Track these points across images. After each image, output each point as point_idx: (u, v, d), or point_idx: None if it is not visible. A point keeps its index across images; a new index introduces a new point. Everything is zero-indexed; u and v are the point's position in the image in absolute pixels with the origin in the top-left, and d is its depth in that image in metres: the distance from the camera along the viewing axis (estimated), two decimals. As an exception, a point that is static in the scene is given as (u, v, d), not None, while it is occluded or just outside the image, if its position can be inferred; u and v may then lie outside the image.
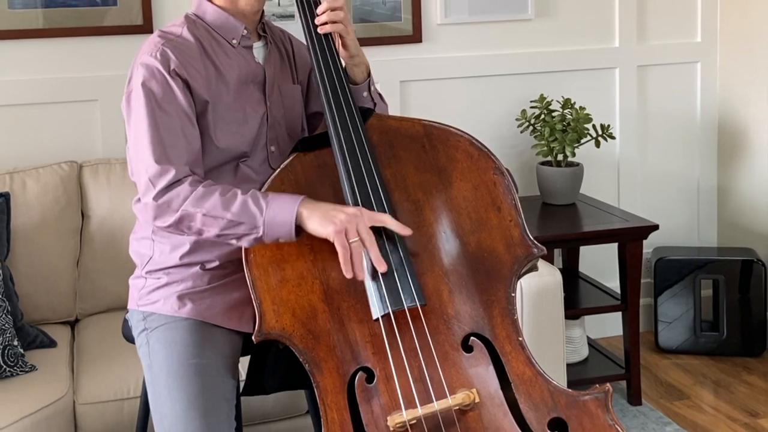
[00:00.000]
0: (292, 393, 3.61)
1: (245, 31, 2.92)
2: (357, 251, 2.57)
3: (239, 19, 2.91)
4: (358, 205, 2.66)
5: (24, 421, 3.42)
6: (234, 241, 2.70)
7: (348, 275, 2.57)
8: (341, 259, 2.57)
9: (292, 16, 4.59)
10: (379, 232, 2.64)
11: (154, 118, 2.72)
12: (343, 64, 2.93)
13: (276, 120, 2.98)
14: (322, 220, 2.58)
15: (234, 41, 2.91)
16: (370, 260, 2.60)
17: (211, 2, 2.92)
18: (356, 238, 2.56)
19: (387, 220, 2.61)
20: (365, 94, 3.02)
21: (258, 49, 2.99)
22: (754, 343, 5.16)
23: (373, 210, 2.66)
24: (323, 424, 2.53)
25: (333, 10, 2.86)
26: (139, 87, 2.74)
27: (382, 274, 2.59)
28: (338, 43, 2.92)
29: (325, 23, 2.86)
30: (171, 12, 4.50)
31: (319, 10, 2.87)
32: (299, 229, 2.61)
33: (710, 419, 4.52)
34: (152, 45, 2.80)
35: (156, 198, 2.68)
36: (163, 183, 2.67)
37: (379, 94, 3.09)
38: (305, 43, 2.94)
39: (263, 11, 3.00)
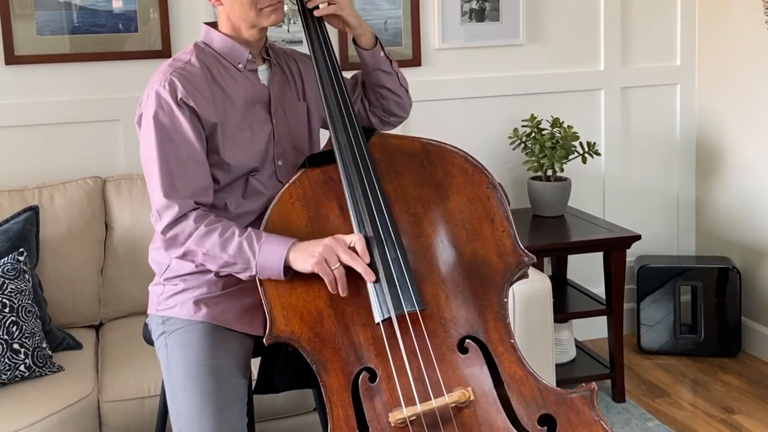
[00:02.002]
0: (301, 391, 3.61)
1: (250, 56, 2.94)
2: (340, 275, 2.61)
3: (244, 45, 2.93)
4: (362, 218, 2.68)
5: (52, 418, 3.42)
6: (234, 274, 2.76)
7: (343, 294, 2.62)
8: (327, 285, 2.62)
9: (300, 42, 4.60)
10: (382, 241, 2.65)
11: (163, 150, 2.77)
12: (347, 85, 2.96)
13: (282, 136, 2.99)
14: (304, 258, 2.62)
15: (240, 65, 2.93)
16: (377, 267, 2.62)
17: (218, 31, 2.94)
18: (338, 264, 2.60)
19: (356, 243, 2.63)
20: (382, 54, 3.08)
21: (263, 72, 3.00)
22: (730, 345, 5.16)
23: (376, 222, 2.68)
24: (329, 420, 2.53)
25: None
26: (150, 118, 2.78)
27: (385, 281, 2.60)
28: (339, 25, 2.98)
29: (321, 5, 2.92)
30: (188, 38, 4.50)
31: (310, 3, 2.93)
32: (289, 269, 2.65)
33: (689, 415, 4.52)
34: (162, 74, 2.83)
35: (164, 232, 2.76)
36: (168, 218, 2.75)
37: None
38: (312, 67, 2.96)
39: (267, 37, 3.02)
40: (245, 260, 2.68)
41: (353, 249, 2.62)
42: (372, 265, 2.62)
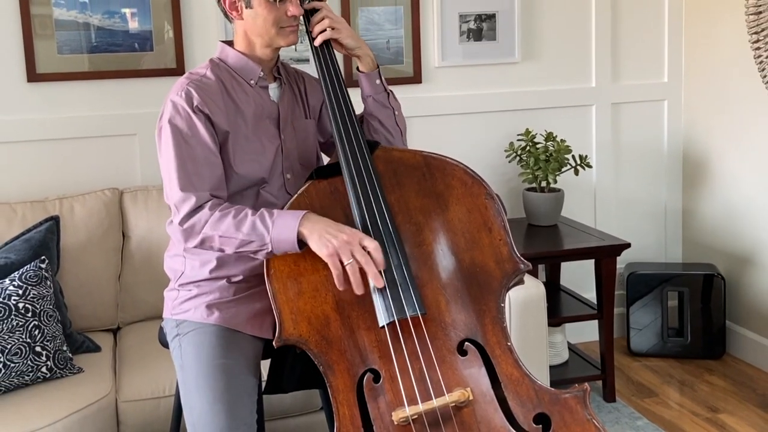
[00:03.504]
0: (308, 391, 3.61)
1: (262, 73, 2.95)
2: (352, 271, 2.59)
3: (257, 62, 2.94)
4: (368, 227, 2.69)
5: (72, 417, 3.43)
6: (252, 255, 2.75)
7: (341, 288, 2.61)
8: (334, 278, 2.60)
9: (307, 60, 4.61)
10: (385, 249, 2.65)
11: (180, 151, 2.78)
12: (353, 101, 2.97)
13: (290, 151, 3.00)
14: (319, 242, 2.61)
15: (252, 81, 2.94)
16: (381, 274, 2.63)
17: (233, 48, 2.96)
18: (351, 260, 2.59)
19: (372, 249, 2.62)
20: (378, 81, 3.07)
21: (273, 89, 3.01)
22: (715, 347, 5.16)
23: (380, 231, 2.68)
24: (336, 419, 2.54)
25: (320, 21, 2.93)
26: (167, 123, 2.80)
27: (388, 287, 2.61)
28: (337, 47, 2.99)
29: (319, 32, 2.94)
30: (201, 56, 4.52)
31: (311, 27, 2.95)
32: (303, 243, 2.65)
33: (676, 414, 4.52)
34: (179, 85, 2.85)
35: (181, 223, 2.75)
36: (186, 209, 2.74)
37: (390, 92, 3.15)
38: (320, 83, 2.97)
39: (278, 56, 3.03)
40: (260, 236, 2.67)
41: (368, 254, 2.63)
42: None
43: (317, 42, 2.93)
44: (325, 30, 2.93)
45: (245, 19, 2.88)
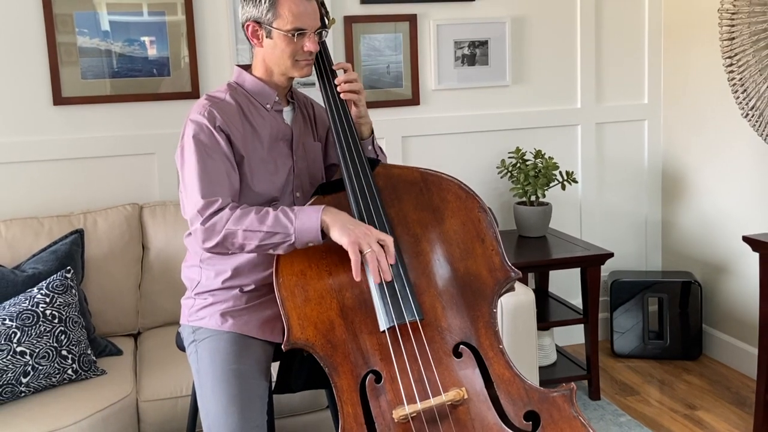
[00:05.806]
0: (315, 391, 3.61)
1: (277, 98, 2.95)
2: (372, 259, 2.59)
3: (272, 87, 2.94)
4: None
5: (96, 416, 3.42)
6: (271, 250, 2.71)
7: (357, 278, 2.59)
8: (353, 266, 2.58)
9: (313, 84, 4.61)
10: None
11: (203, 163, 2.75)
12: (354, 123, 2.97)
13: (301, 170, 3.00)
14: (341, 230, 2.60)
15: (268, 106, 2.94)
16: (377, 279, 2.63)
17: (250, 73, 2.96)
18: (369, 249, 2.58)
19: (388, 242, 2.61)
20: (370, 147, 3.05)
21: (287, 113, 3.01)
22: (692, 349, 5.16)
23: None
24: (340, 416, 2.54)
25: (349, 81, 2.91)
26: (190, 139, 2.78)
27: (388, 293, 2.61)
28: (351, 106, 2.96)
29: (346, 91, 2.92)
30: (214, 81, 4.52)
31: (338, 80, 2.92)
32: (324, 234, 2.64)
33: (656, 411, 4.52)
34: (201, 106, 2.84)
35: (203, 223, 2.69)
36: (209, 211, 2.69)
37: (380, 148, 3.12)
38: (323, 106, 2.98)
39: (292, 83, 3.04)
40: (284, 228, 2.64)
41: (382, 246, 2.62)
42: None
43: (345, 96, 2.93)
44: (353, 91, 2.93)
45: (264, 48, 2.88)
